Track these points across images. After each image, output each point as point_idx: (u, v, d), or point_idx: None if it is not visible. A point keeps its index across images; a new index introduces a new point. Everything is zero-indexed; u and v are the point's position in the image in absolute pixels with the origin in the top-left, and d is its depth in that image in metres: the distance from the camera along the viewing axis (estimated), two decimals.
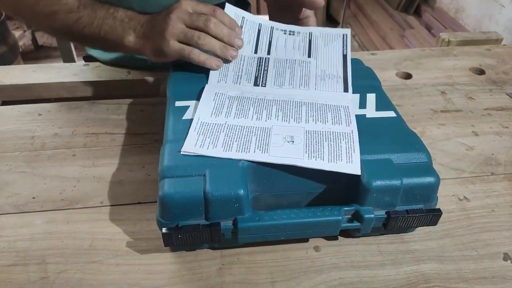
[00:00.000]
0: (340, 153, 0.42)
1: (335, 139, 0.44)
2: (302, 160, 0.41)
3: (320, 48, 0.57)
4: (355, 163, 0.41)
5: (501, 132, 0.62)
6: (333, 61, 0.56)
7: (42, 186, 0.51)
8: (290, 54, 0.57)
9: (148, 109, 0.65)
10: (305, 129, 0.45)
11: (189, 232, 0.39)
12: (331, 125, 0.46)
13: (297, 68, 0.55)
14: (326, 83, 0.53)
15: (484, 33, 0.93)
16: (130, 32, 0.55)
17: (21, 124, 0.61)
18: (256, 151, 0.42)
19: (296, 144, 0.43)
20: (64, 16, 0.57)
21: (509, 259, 0.44)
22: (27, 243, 0.44)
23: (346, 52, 0.56)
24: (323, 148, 0.43)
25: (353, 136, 0.44)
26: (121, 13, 0.57)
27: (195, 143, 0.43)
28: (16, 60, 1.87)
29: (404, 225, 0.42)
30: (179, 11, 0.52)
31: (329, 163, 0.41)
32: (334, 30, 0.59)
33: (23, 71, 0.75)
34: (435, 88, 0.73)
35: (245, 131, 0.45)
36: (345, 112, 0.48)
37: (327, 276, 0.41)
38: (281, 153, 0.42)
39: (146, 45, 0.55)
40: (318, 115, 0.47)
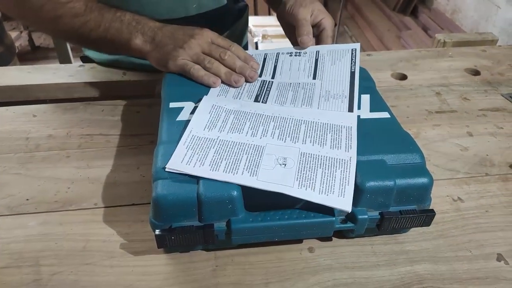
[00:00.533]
0: (333, 184, 0.39)
1: (330, 167, 0.41)
2: (291, 189, 0.39)
3: (326, 67, 0.56)
4: (347, 197, 0.38)
5: (495, 133, 0.63)
6: (339, 81, 0.54)
7: (36, 187, 0.51)
8: (294, 77, 0.56)
9: (143, 110, 0.65)
10: (300, 151, 0.43)
11: (183, 234, 0.39)
12: (329, 149, 0.43)
13: (301, 90, 0.54)
14: (330, 103, 0.51)
15: (480, 34, 0.93)
16: (137, 35, 0.56)
17: (16, 125, 0.61)
18: (245, 173, 0.40)
19: (288, 169, 0.41)
20: (70, 20, 0.57)
21: (503, 260, 0.44)
22: (21, 244, 0.44)
23: (354, 69, 0.54)
24: (315, 176, 0.40)
25: (350, 164, 0.41)
26: (129, 16, 0.58)
27: (182, 159, 0.42)
28: (13, 61, 1.86)
29: (398, 226, 0.42)
30: (201, 38, 0.55)
31: (320, 194, 0.39)
32: (342, 46, 0.58)
33: (19, 72, 0.75)
34: (430, 89, 0.73)
35: (236, 148, 0.44)
36: (347, 135, 0.45)
37: (321, 277, 0.42)
38: (270, 178, 0.40)
39: (153, 52, 0.56)
40: (317, 136, 0.45)
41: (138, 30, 0.56)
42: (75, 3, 0.57)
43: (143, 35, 0.56)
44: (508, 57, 0.84)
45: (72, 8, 0.57)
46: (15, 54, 1.73)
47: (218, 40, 0.57)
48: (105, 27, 0.57)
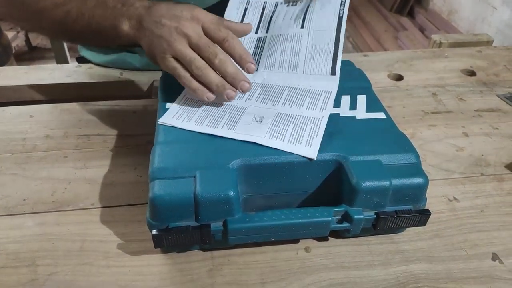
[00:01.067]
0: (302, 136, 0.43)
1: (301, 123, 0.45)
2: (263, 139, 0.43)
3: (315, 11, 0.54)
4: (314, 147, 0.41)
5: (491, 133, 0.63)
6: (326, 27, 0.53)
7: (33, 188, 0.51)
8: (285, 27, 0.55)
9: (140, 111, 0.65)
10: (278, 112, 0.47)
11: (179, 234, 0.39)
12: (305, 109, 0.47)
13: (288, 44, 0.54)
14: (315, 62, 0.52)
15: (475, 35, 0.94)
16: (123, 20, 0.49)
17: (12, 125, 0.61)
18: (224, 126, 0.45)
19: (263, 124, 0.45)
20: (51, 11, 0.52)
21: (498, 259, 0.44)
22: (18, 245, 0.44)
23: (342, 14, 0.53)
24: (287, 129, 0.44)
25: (321, 121, 0.45)
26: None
27: (173, 116, 0.47)
28: (9, 61, 1.86)
29: (393, 226, 0.43)
30: (188, 27, 0.47)
31: (288, 144, 0.42)
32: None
33: (15, 72, 0.75)
34: (426, 89, 0.73)
35: (221, 108, 0.48)
36: (325, 98, 0.48)
37: (317, 277, 0.42)
38: (245, 131, 0.44)
39: (142, 40, 0.49)
40: (296, 100, 0.48)
41: (124, 14, 0.49)
42: None
43: (129, 19, 0.49)
44: (504, 58, 0.84)
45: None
46: (12, 54, 1.73)
47: (211, 29, 0.48)
48: (89, 15, 0.51)
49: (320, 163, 0.42)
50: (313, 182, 0.43)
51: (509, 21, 2.06)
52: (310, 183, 0.43)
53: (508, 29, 2.06)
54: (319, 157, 0.42)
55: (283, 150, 0.42)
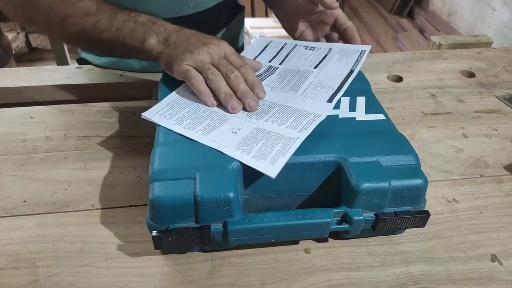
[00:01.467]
0: (269, 153, 0.41)
1: (274, 140, 0.43)
2: (230, 150, 0.42)
3: (331, 62, 0.56)
4: (277, 166, 0.39)
5: (490, 134, 0.63)
6: (336, 74, 0.54)
7: (33, 189, 0.51)
8: (299, 65, 0.57)
9: (140, 112, 0.64)
10: (257, 127, 0.46)
11: (179, 235, 0.39)
12: (284, 128, 0.45)
13: (297, 76, 0.55)
14: (316, 91, 0.52)
15: (475, 37, 0.94)
16: (152, 35, 0.54)
17: (13, 127, 0.61)
18: (199, 131, 0.45)
19: (236, 136, 0.44)
20: (80, 20, 0.55)
21: (497, 260, 0.44)
22: (18, 246, 0.44)
23: (354, 68, 0.54)
24: (256, 144, 0.43)
25: (295, 142, 0.42)
26: (144, 17, 0.55)
27: (157, 111, 0.49)
28: (9, 62, 1.86)
29: (393, 227, 0.43)
30: (214, 49, 0.52)
31: (251, 158, 0.41)
32: (354, 46, 0.58)
33: (16, 73, 0.75)
34: (425, 91, 0.73)
35: (206, 113, 0.49)
36: (310, 119, 0.46)
37: (317, 278, 0.42)
38: (216, 139, 0.44)
39: (163, 52, 0.54)
40: (281, 117, 0.47)
41: (153, 31, 0.54)
42: (85, 2, 0.55)
43: (157, 35, 0.54)
44: (503, 59, 0.84)
45: (83, 7, 0.55)
46: (12, 55, 1.73)
47: (232, 57, 0.53)
48: (117, 27, 0.55)
49: (320, 165, 0.42)
50: (313, 184, 0.44)
51: (508, 22, 2.06)
52: (310, 184, 0.44)
53: (507, 30, 2.07)
54: (319, 158, 0.42)
55: (246, 164, 0.41)
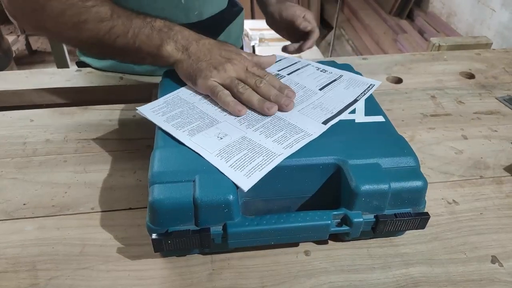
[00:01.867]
0: (248, 165, 0.41)
1: (256, 152, 0.42)
2: (209, 155, 0.42)
3: (338, 88, 0.55)
4: (251, 180, 0.39)
5: (490, 136, 0.63)
6: (339, 100, 0.52)
7: (33, 192, 0.51)
8: (305, 82, 0.56)
9: (140, 115, 0.65)
10: (244, 135, 0.45)
11: (179, 238, 0.39)
12: (271, 141, 0.44)
13: (300, 92, 0.54)
14: (314, 111, 0.50)
15: (474, 38, 0.94)
16: (169, 42, 0.53)
17: (13, 130, 0.61)
18: (185, 131, 0.45)
19: (221, 141, 0.44)
20: (94, 25, 0.53)
21: (497, 262, 0.44)
22: (18, 249, 0.44)
23: (359, 98, 0.52)
24: (237, 154, 0.42)
25: (276, 158, 0.41)
26: (159, 22, 0.55)
27: (152, 107, 0.50)
28: (10, 65, 1.86)
29: (393, 229, 0.43)
30: (237, 64, 0.53)
31: (229, 167, 0.40)
32: (364, 79, 0.57)
33: (16, 76, 0.75)
34: (425, 92, 0.73)
35: (198, 115, 0.49)
36: (299, 137, 0.44)
37: (317, 281, 0.42)
38: (200, 142, 0.44)
39: (183, 62, 0.53)
40: (271, 130, 0.46)
41: (171, 37, 0.54)
42: (100, 7, 0.53)
43: (175, 42, 0.54)
44: (502, 61, 0.84)
45: (98, 12, 0.53)
46: (12, 58, 1.74)
47: (253, 69, 0.54)
48: (133, 33, 0.53)
49: (319, 167, 0.42)
50: (312, 186, 0.44)
51: (508, 24, 2.06)
52: (310, 186, 0.44)
53: (507, 32, 2.07)
54: (319, 160, 0.42)
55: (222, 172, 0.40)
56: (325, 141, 0.45)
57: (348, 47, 2.96)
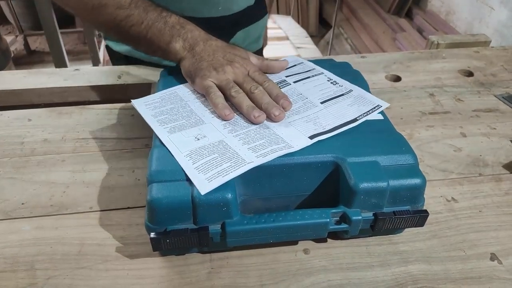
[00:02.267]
0: (213, 169, 0.40)
1: (226, 158, 0.42)
2: (179, 154, 0.42)
3: (341, 103, 0.52)
4: (212, 184, 0.38)
5: (489, 133, 0.63)
6: (338, 117, 0.49)
7: (31, 192, 0.51)
8: (308, 92, 0.54)
9: (138, 114, 0.64)
10: (222, 139, 0.45)
11: (178, 237, 0.39)
12: (246, 149, 0.43)
13: (300, 103, 0.52)
14: (305, 125, 0.47)
15: (473, 36, 0.94)
16: (178, 40, 0.55)
17: (10, 129, 0.61)
18: (166, 128, 0.46)
19: (196, 142, 0.44)
20: (113, 11, 0.55)
21: (496, 259, 0.44)
22: (16, 249, 0.44)
23: (360, 118, 0.49)
24: (206, 156, 0.42)
25: (245, 166, 0.40)
26: (174, 19, 0.56)
27: (146, 101, 0.52)
28: (8, 65, 1.86)
29: (392, 227, 0.43)
30: (238, 68, 0.53)
31: (194, 169, 0.40)
32: (373, 98, 0.53)
33: (13, 76, 0.75)
34: (423, 90, 0.73)
35: (186, 113, 0.49)
36: (277, 148, 0.43)
37: (316, 279, 0.42)
38: (176, 141, 0.44)
39: (187, 60, 0.54)
40: (252, 138, 0.45)
41: (181, 35, 0.55)
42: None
43: (184, 41, 0.55)
44: (501, 58, 0.84)
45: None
46: (11, 58, 1.74)
47: (254, 74, 0.54)
48: (147, 24, 0.55)
49: (318, 165, 0.42)
50: (311, 184, 0.43)
51: (506, 22, 2.06)
52: (308, 184, 0.43)
53: (505, 30, 2.07)
54: (317, 158, 0.42)
55: (186, 173, 0.40)
56: (323, 139, 0.45)
57: (347, 46, 2.96)
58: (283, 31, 2.47)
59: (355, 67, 0.61)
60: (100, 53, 2.35)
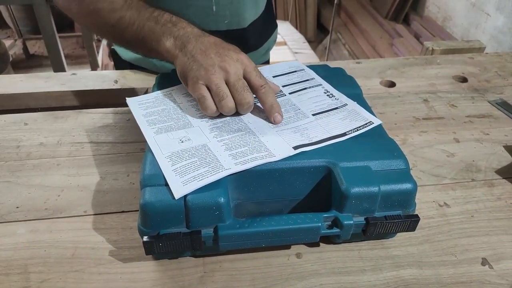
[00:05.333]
0: (190, 173, 0.40)
1: (204, 163, 0.42)
2: (160, 155, 0.43)
3: (333, 117, 0.51)
4: (186, 188, 0.39)
5: (482, 139, 0.64)
6: (327, 130, 0.48)
7: (26, 195, 0.51)
8: (303, 104, 0.53)
9: (134, 119, 0.65)
10: (205, 143, 0.45)
11: (170, 240, 0.39)
12: (227, 155, 0.43)
13: (292, 112, 0.52)
14: (292, 135, 0.47)
15: (467, 42, 0.95)
16: (169, 38, 0.53)
17: (6, 133, 0.62)
18: (154, 130, 0.47)
19: (179, 145, 0.45)
20: (107, 14, 0.56)
21: (488, 264, 0.45)
22: (10, 252, 0.44)
23: (349, 134, 0.48)
24: (185, 160, 0.42)
25: (221, 172, 0.40)
26: (166, 17, 0.54)
27: (140, 100, 0.53)
28: (7, 69, 1.86)
29: (383, 231, 0.43)
30: (231, 67, 0.49)
31: (172, 171, 0.41)
32: (367, 114, 0.51)
33: (11, 80, 0.75)
34: (418, 96, 0.74)
35: (176, 115, 0.50)
36: (259, 156, 0.43)
37: (308, 283, 0.42)
38: (160, 141, 0.45)
39: (179, 59, 0.52)
40: (236, 143, 0.45)
41: (172, 33, 0.53)
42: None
43: (175, 39, 0.52)
44: (495, 64, 0.85)
45: (112, 2, 0.55)
46: (9, 62, 1.74)
47: (251, 74, 0.50)
48: (139, 25, 0.54)
49: (310, 170, 0.43)
50: (303, 188, 0.44)
51: (502, 28, 2.08)
52: (300, 189, 0.44)
53: (501, 36, 2.08)
54: (309, 163, 0.43)
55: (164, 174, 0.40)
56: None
57: (344, 51, 2.98)
58: (281, 36, 2.48)
59: (350, 73, 0.62)
60: (98, 57, 2.36)
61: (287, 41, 2.44)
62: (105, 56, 2.43)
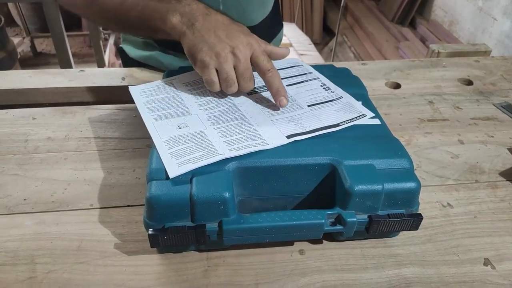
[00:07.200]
0: (186, 156, 0.42)
1: (199, 147, 0.43)
2: (159, 139, 0.45)
3: (328, 109, 0.52)
4: (182, 169, 0.40)
5: (486, 141, 0.64)
6: (321, 120, 0.50)
7: (34, 188, 0.52)
8: (299, 96, 0.55)
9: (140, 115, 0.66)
10: (202, 130, 0.46)
11: (175, 233, 0.40)
12: (222, 142, 0.44)
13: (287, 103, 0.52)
14: (286, 125, 0.48)
15: (473, 45, 0.95)
16: (174, 14, 0.51)
17: (15, 127, 0.62)
18: (153, 116, 0.49)
19: (177, 131, 0.46)
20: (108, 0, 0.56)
21: (490, 264, 0.45)
22: (17, 243, 0.45)
23: (342, 125, 0.49)
24: (182, 145, 0.44)
25: (215, 157, 0.42)
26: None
27: (142, 89, 0.55)
28: (14, 66, 1.88)
29: (386, 229, 0.43)
30: (241, 52, 0.50)
31: (167, 155, 0.42)
32: (360, 107, 0.52)
33: (20, 76, 0.76)
34: (423, 98, 0.74)
35: (176, 103, 0.51)
36: (252, 144, 0.44)
37: (310, 279, 0.42)
38: (158, 128, 0.47)
39: (187, 37, 0.51)
40: (232, 131, 0.46)
41: (177, 9, 0.51)
42: None
43: (181, 15, 0.51)
44: (500, 68, 0.85)
45: None
46: (17, 59, 1.76)
47: (259, 58, 0.51)
48: (143, 6, 0.53)
49: (315, 167, 0.43)
50: (308, 185, 0.44)
51: (509, 32, 2.07)
52: (305, 186, 0.44)
53: (508, 40, 2.08)
54: (314, 160, 0.43)
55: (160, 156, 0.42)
56: (320, 141, 0.45)
57: (350, 54, 2.98)
58: (287, 38, 2.48)
59: (355, 74, 0.62)
60: (105, 56, 2.37)
61: (293, 43, 2.45)
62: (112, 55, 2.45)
